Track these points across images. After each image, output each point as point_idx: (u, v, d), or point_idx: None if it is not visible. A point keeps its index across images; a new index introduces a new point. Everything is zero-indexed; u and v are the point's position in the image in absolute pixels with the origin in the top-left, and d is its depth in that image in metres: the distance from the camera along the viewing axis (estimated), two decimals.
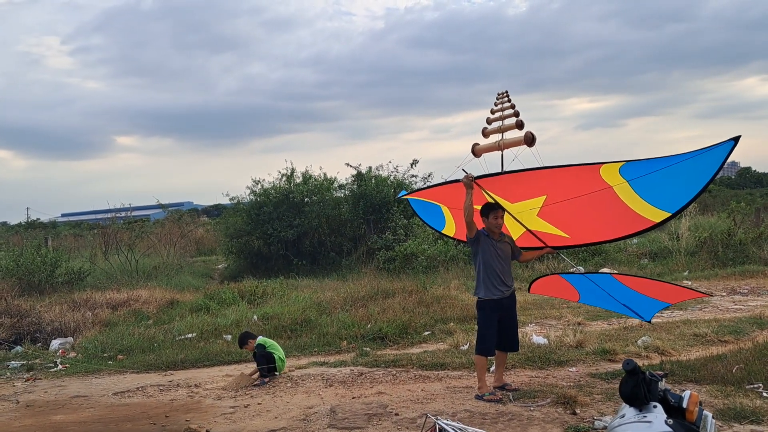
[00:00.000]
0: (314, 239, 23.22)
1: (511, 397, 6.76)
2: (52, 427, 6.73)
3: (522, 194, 6.54)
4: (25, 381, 9.19)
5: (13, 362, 10.31)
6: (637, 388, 3.14)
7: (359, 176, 23.54)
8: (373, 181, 23.06)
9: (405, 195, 8.42)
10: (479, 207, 6.86)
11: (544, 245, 7.30)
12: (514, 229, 7.30)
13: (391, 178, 23.53)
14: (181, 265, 21.93)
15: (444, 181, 7.13)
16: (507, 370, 7.75)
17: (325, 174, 24.43)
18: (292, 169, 24.08)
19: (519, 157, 6.21)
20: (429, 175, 23.20)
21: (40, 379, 9.31)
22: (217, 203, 55.14)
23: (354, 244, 23.38)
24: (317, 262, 22.52)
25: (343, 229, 23.91)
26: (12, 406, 7.80)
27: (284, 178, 23.89)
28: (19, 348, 11.25)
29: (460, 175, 6.59)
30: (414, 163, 23.85)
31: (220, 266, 25.87)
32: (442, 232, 8.36)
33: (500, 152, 6.58)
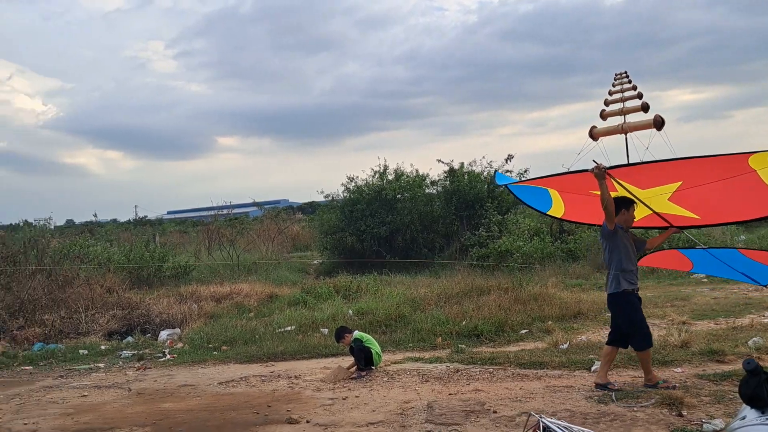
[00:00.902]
0: (406, 236, 23.30)
1: (613, 397, 6.56)
2: (161, 415, 7.07)
3: (654, 181, 6.29)
4: (136, 370, 9.71)
5: (125, 352, 10.93)
6: (760, 389, 2.96)
7: (452, 172, 23.44)
8: (466, 177, 22.90)
9: (511, 183, 8.26)
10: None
11: (669, 225, 7.11)
12: (638, 212, 7.09)
13: (485, 173, 23.29)
14: (278, 260, 22.56)
15: (566, 171, 6.90)
16: (609, 370, 7.52)
17: (417, 170, 24.49)
18: (385, 166, 24.26)
19: (640, 139, 5.95)
20: (525, 171, 22.82)
21: (150, 368, 9.82)
22: (312, 201, 56.28)
23: (446, 241, 23.31)
24: (409, 258, 22.61)
25: (435, 226, 23.88)
26: (125, 393, 8.25)
27: (377, 175, 24.10)
28: (130, 338, 11.91)
29: (581, 165, 6.35)
30: (509, 158, 23.50)
31: (315, 262, 26.42)
32: (548, 213, 8.14)
33: (623, 135, 6.30)
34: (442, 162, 24.21)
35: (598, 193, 6.50)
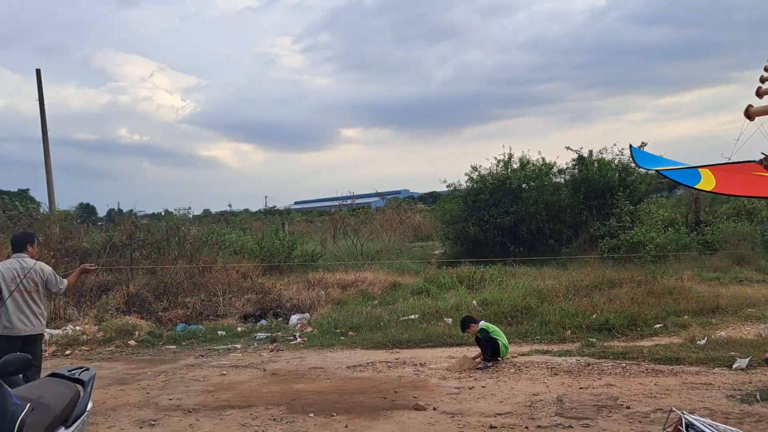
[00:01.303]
0: (531, 226, 22.80)
1: (758, 397, 6.12)
2: (294, 395, 7.35)
3: None
4: (270, 351, 10.15)
5: (259, 334, 11.44)
6: None
7: (581, 160, 22.65)
8: (595, 165, 22.06)
9: (656, 168, 7.84)
10: None
11: None
12: None
13: (616, 161, 22.33)
14: (400, 249, 22.78)
15: (727, 161, 6.40)
16: (752, 368, 7.04)
17: (543, 159, 23.82)
18: (510, 154, 23.80)
19: None
20: None
21: (282, 350, 10.23)
22: (432, 191, 56.29)
23: (574, 231, 22.61)
24: (534, 249, 22.09)
25: (562, 216, 23.20)
26: (260, 373, 8.65)
27: (501, 164, 23.70)
28: (263, 321, 12.46)
29: (742, 151, 5.90)
30: (642, 145, 22.34)
31: (436, 251, 26.45)
32: (696, 187, 7.66)
33: None
34: (571, 149, 23.43)
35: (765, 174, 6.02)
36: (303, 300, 13.37)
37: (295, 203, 79.67)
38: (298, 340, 10.82)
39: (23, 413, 3.36)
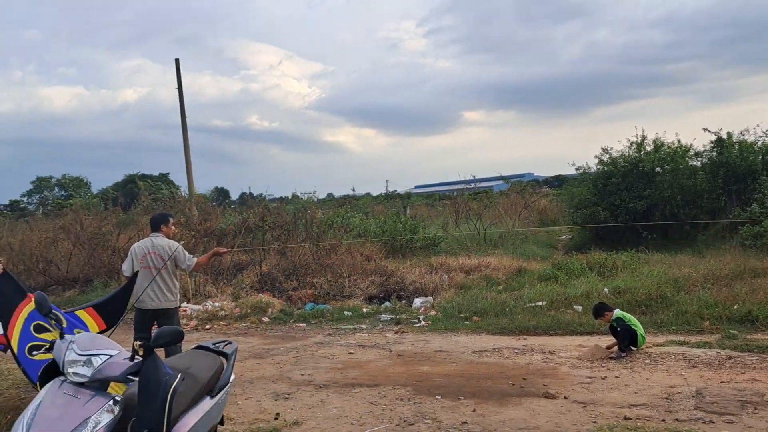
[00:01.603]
0: (665, 211, 21.62)
1: None
2: (420, 376, 7.41)
3: None
4: (395, 333, 10.29)
5: (383, 315, 11.64)
6: None
7: (719, 142, 21.18)
8: (736, 147, 20.56)
9: None
10: None
11: None
12: None
13: (759, 143, 20.71)
14: (525, 234, 22.37)
15: None
16: None
17: (678, 141, 22.50)
18: (643, 136, 22.65)
19: None
20: None
21: (406, 332, 10.35)
22: (557, 174, 54.80)
23: (712, 217, 21.22)
24: (668, 236, 20.95)
25: (698, 201, 21.85)
26: (386, 354, 8.79)
27: (633, 146, 22.61)
28: (387, 303, 12.66)
29: None
30: None
31: (563, 237, 25.75)
32: None
33: None
34: (708, 131, 21.97)
35: None
36: (426, 283, 13.45)
37: (416, 187, 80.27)
38: (422, 323, 10.89)
39: (175, 382, 3.59)
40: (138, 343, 3.82)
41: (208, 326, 11.20)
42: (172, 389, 3.55)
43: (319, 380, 7.40)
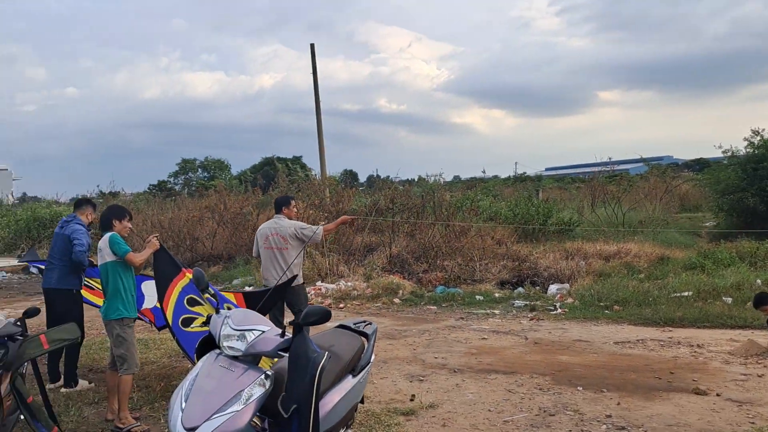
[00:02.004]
0: None
1: None
2: (559, 366, 7.17)
3: None
4: (530, 320, 10.03)
5: (517, 301, 11.38)
6: None
7: None
8: None
9: None
10: None
11: None
12: None
13: None
14: (666, 220, 21.12)
15: None
16: None
17: None
18: None
19: None
20: None
21: (542, 319, 10.06)
22: (699, 157, 51.38)
23: None
24: None
25: None
26: (521, 341, 8.59)
27: None
28: (521, 289, 12.37)
29: None
30: None
31: (707, 224, 24.10)
32: None
33: None
34: None
35: None
36: (561, 269, 13.00)
37: (546, 169, 78.11)
38: (559, 310, 10.54)
39: (323, 360, 3.64)
40: (288, 320, 3.91)
41: (341, 305, 11.45)
42: (320, 366, 3.61)
43: (454, 364, 7.34)
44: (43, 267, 6.90)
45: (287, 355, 3.73)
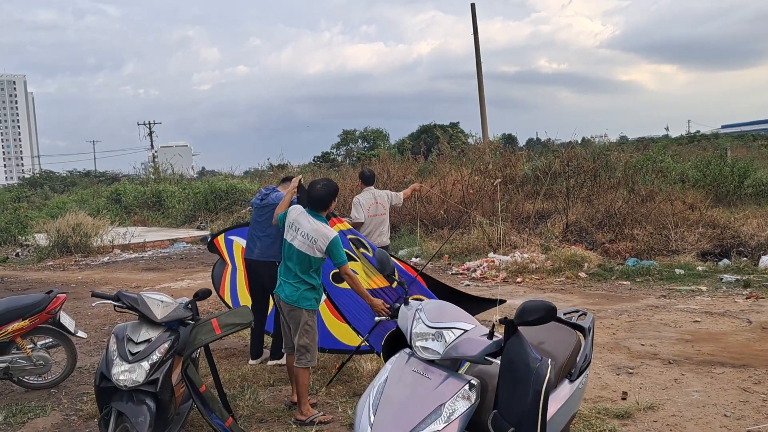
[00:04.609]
0: None
1: None
2: None
3: None
4: (746, 298, 8.52)
5: (725, 276, 9.80)
6: None
7: None
8: None
9: None
10: None
11: None
12: None
13: None
14: None
15: None
16: None
17: None
18: None
19: None
20: None
21: (762, 297, 8.51)
22: None
23: None
24: None
25: None
26: (743, 325, 7.23)
27: None
28: (726, 261, 10.71)
29: None
30: None
31: None
32: None
33: None
34: None
35: None
36: None
37: (722, 127, 71.40)
38: None
39: (548, 371, 2.80)
40: (498, 317, 3.09)
41: (519, 279, 10.48)
42: (546, 380, 2.77)
43: (666, 353, 6.22)
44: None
45: (497, 360, 2.94)
